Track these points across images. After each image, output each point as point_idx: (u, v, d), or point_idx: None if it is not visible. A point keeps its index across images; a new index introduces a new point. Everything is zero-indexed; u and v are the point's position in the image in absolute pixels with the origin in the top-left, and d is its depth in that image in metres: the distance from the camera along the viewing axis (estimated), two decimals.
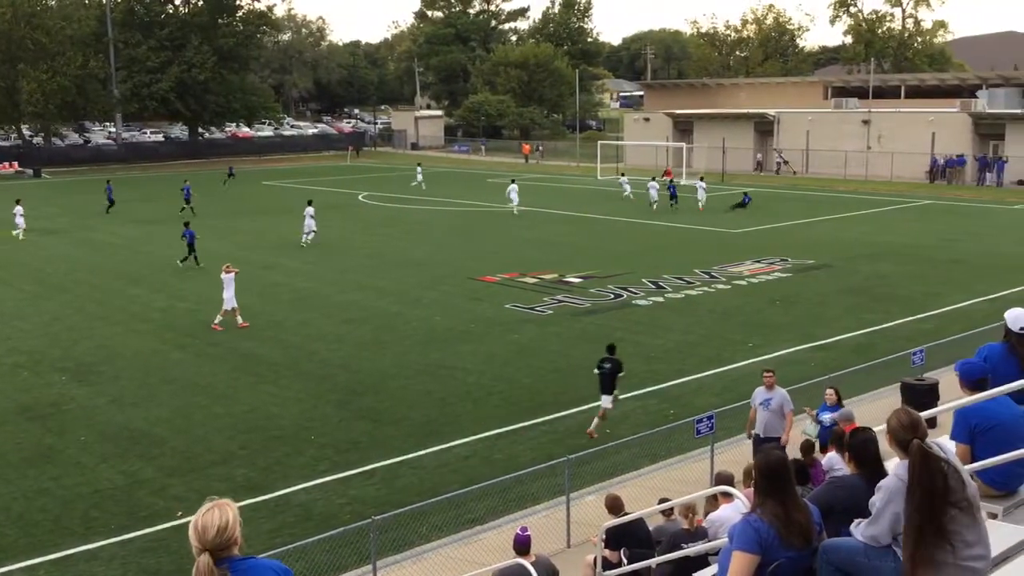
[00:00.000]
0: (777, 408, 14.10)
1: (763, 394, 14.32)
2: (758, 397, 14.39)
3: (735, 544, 4.96)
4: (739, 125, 69.61)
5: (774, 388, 14.24)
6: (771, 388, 14.24)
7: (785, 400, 14.16)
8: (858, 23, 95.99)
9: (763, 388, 14.36)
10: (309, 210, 37.81)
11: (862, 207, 48.14)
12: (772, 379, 14.29)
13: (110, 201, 48.34)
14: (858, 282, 29.47)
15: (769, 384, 14.27)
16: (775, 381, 14.32)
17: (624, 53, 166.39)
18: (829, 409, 13.79)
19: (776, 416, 14.10)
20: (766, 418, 14.19)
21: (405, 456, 16.09)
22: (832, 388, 14.30)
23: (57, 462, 15.98)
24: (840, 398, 14.10)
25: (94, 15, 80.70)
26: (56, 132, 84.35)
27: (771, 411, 14.12)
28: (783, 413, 14.12)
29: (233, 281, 24.51)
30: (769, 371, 14.57)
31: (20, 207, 41.18)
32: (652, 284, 29.17)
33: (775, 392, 14.21)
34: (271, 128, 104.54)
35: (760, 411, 14.28)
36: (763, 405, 14.25)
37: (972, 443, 6.27)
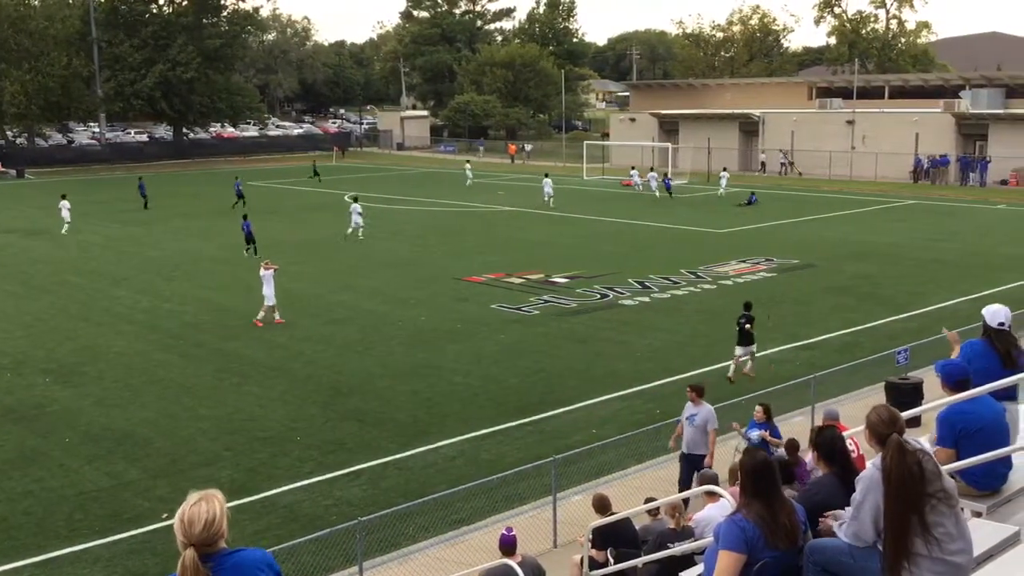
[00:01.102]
0: (701, 424, 13.52)
1: (690, 408, 13.78)
2: (685, 411, 13.88)
3: (721, 543, 4.98)
4: (724, 125, 69.81)
5: (700, 403, 13.71)
6: (697, 403, 13.71)
7: (710, 417, 13.57)
8: (842, 24, 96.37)
9: (690, 403, 13.83)
10: (356, 207, 38.42)
11: (846, 207, 48.36)
12: (693, 395, 13.76)
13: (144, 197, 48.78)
14: (842, 282, 29.60)
15: (693, 400, 13.74)
16: (699, 397, 13.76)
17: (610, 53, 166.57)
18: (758, 426, 13.37)
19: (699, 432, 13.53)
20: (690, 434, 13.64)
21: (391, 457, 16.07)
22: (761, 405, 13.78)
23: (41, 464, 15.88)
24: (770, 416, 13.61)
25: (77, 15, 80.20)
26: (40, 132, 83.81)
27: (695, 427, 13.56)
28: (707, 430, 13.53)
29: (273, 278, 24.69)
30: (692, 386, 14.05)
31: (66, 202, 42.35)
32: (638, 284, 29.21)
33: (701, 408, 13.65)
34: (256, 128, 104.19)
35: (686, 426, 13.74)
36: (689, 420, 13.71)
37: (957, 447, 6.29)
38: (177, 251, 36.47)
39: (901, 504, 4.56)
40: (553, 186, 49.86)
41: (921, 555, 4.55)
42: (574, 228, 41.92)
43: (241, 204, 48.10)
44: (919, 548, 4.56)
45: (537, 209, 47.73)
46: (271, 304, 24.73)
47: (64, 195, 43.90)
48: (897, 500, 4.57)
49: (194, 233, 41.36)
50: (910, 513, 4.55)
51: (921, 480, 4.60)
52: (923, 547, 4.55)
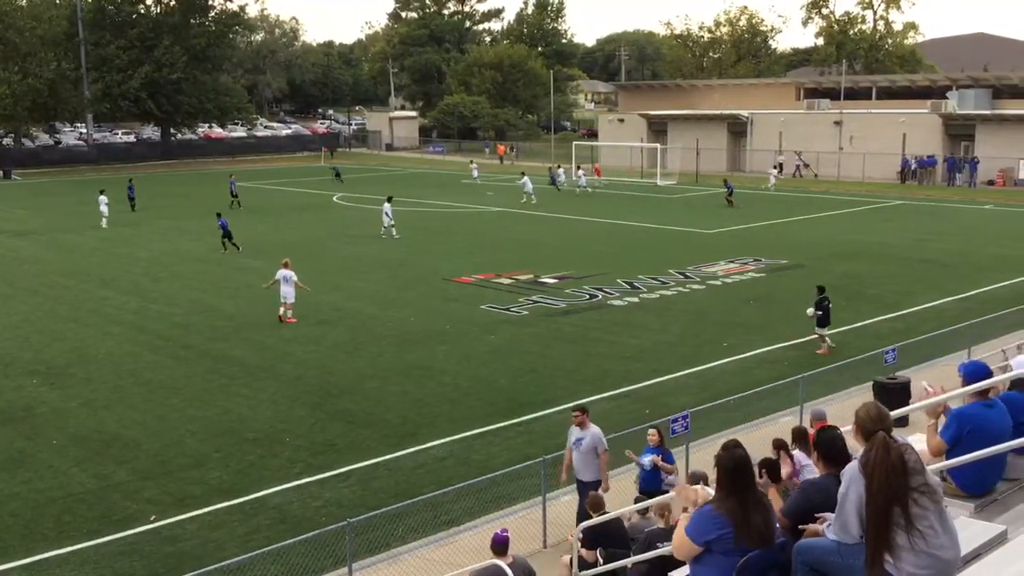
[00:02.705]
0: (589, 449, 12.78)
1: (576, 433, 13.00)
2: (571, 436, 13.10)
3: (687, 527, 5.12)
4: (713, 126, 69.98)
5: (586, 427, 12.91)
6: (583, 427, 12.90)
7: (598, 440, 12.81)
8: (830, 25, 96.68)
9: (576, 427, 13.05)
10: (387, 207, 38.91)
11: (834, 207, 48.54)
12: (581, 418, 12.95)
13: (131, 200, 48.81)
14: (830, 282, 29.53)
15: (579, 422, 12.94)
16: (585, 420, 12.97)
17: (598, 54, 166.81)
18: (651, 450, 12.90)
19: (590, 457, 12.81)
20: (579, 460, 12.90)
21: (381, 458, 16.05)
22: (655, 429, 13.27)
23: (29, 466, 15.81)
24: (663, 439, 13.15)
25: (64, 15, 79.83)
26: (27, 133, 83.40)
27: (583, 452, 12.81)
28: (597, 453, 12.81)
29: (292, 277, 25.01)
30: (578, 410, 13.22)
31: (104, 196, 43.42)
32: (627, 284, 29.26)
33: (588, 431, 12.87)
34: (244, 129, 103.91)
35: (574, 452, 12.97)
36: (575, 445, 12.94)
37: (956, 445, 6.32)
38: (165, 252, 36.34)
39: (883, 496, 4.59)
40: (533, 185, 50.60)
41: (904, 548, 4.57)
42: (563, 228, 41.96)
43: (236, 203, 48.29)
44: (902, 541, 4.58)
45: (523, 209, 47.75)
46: (292, 302, 25.07)
47: (103, 190, 45.14)
48: (879, 492, 4.60)
49: (182, 234, 41.24)
50: (892, 505, 4.58)
51: (903, 473, 4.62)
52: (906, 540, 4.57)
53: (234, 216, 45.87)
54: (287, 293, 25.07)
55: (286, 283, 25.09)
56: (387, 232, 38.62)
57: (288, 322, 24.87)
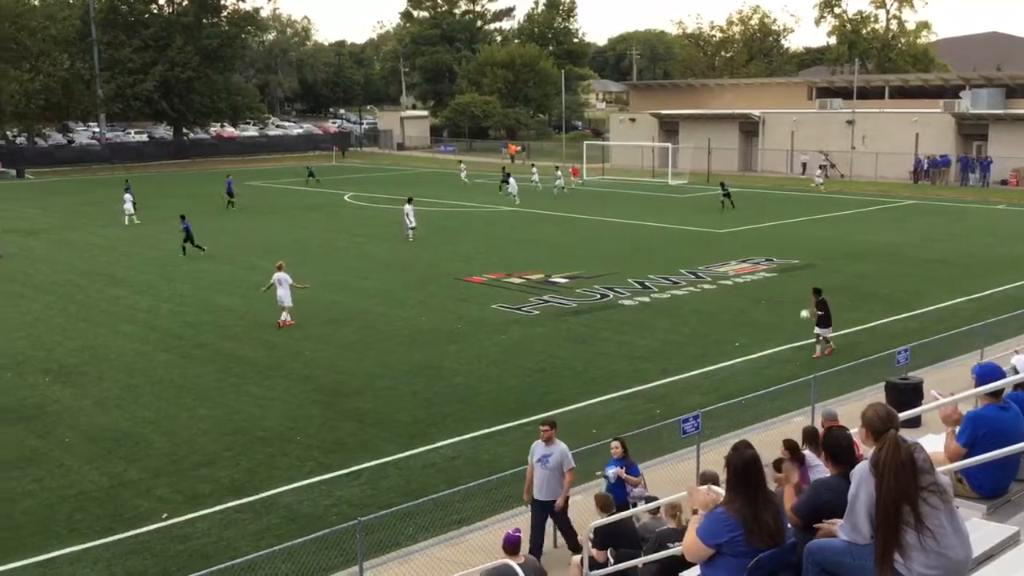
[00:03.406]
0: (556, 466, 12.12)
1: (541, 449, 12.29)
2: (535, 452, 12.37)
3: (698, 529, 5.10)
4: (724, 125, 69.82)
5: (553, 442, 12.24)
6: (550, 443, 12.23)
7: (565, 457, 12.17)
8: (842, 24, 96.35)
9: (541, 443, 12.34)
10: (408, 208, 38.38)
11: (846, 207, 48.36)
12: (550, 433, 12.27)
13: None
14: (842, 281, 29.58)
15: (547, 438, 12.26)
16: (554, 435, 12.31)
17: (610, 53, 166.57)
18: (615, 463, 12.45)
19: (556, 474, 12.14)
20: (544, 477, 12.17)
21: (391, 457, 16.06)
22: (618, 440, 12.77)
23: (41, 464, 15.87)
24: (627, 451, 12.61)
25: (77, 15, 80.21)
26: (39, 132, 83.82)
27: (550, 469, 12.14)
28: (563, 471, 12.16)
29: (286, 279, 24.62)
30: (546, 424, 12.47)
31: (129, 194, 44.52)
32: (638, 284, 29.21)
33: (554, 447, 12.20)
34: (256, 128, 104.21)
35: (538, 469, 12.23)
36: (541, 462, 12.21)
37: (971, 448, 6.28)
38: (176, 251, 36.42)
39: (892, 495, 4.57)
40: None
41: (914, 547, 4.55)
42: (574, 228, 41.92)
43: (231, 203, 48.39)
44: (911, 540, 4.56)
45: (534, 208, 47.73)
46: (289, 305, 24.66)
47: (128, 187, 46.31)
48: (889, 491, 4.58)
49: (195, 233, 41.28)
50: (902, 504, 4.56)
51: (913, 472, 4.61)
52: (916, 539, 4.55)
53: (231, 216, 46.15)
54: (283, 296, 24.61)
55: (281, 286, 24.60)
56: (411, 234, 37.98)
57: (287, 324, 24.48)
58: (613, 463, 12.50)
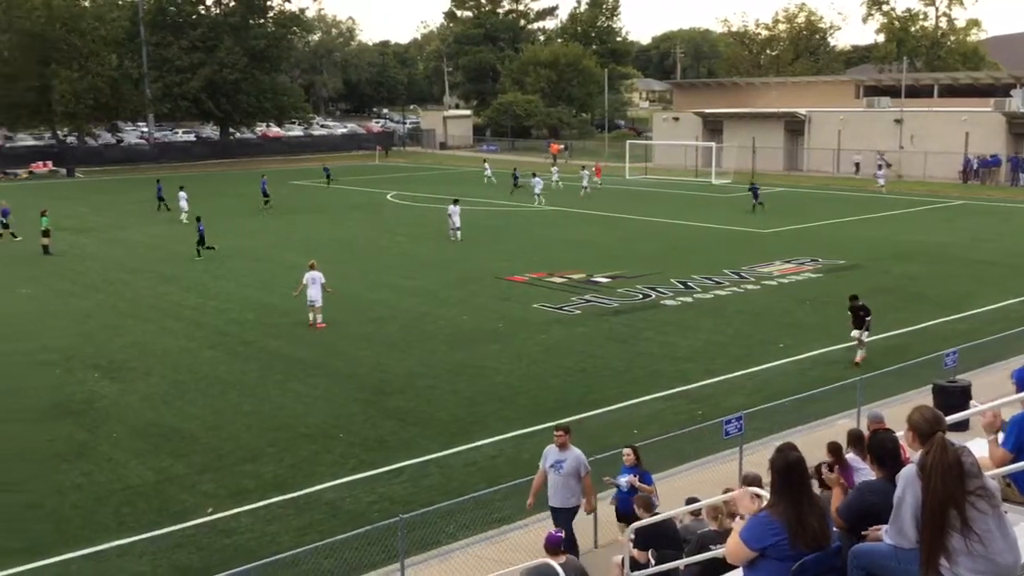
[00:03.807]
0: (572, 471, 11.89)
1: (554, 454, 12.05)
2: (548, 458, 12.13)
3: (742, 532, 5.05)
4: (769, 124, 69.17)
5: (568, 448, 12.03)
6: (564, 448, 12.02)
7: (581, 463, 11.95)
8: (891, 21, 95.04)
9: (554, 448, 12.11)
10: (454, 208, 38.33)
11: (894, 207, 47.68)
12: (564, 438, 12.06)
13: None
14: (889, 282, 29.19)
15: (561, 443, 12.04)
16: (568, 441, 12.11)
17: (653, 52, 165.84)
18: (628, 470, 12.09)
19: (571, 481, 11.93)
20: (558, 483, 11.96)
21: (432, 455, 16.12)
22: (630, 448, 12.34)
23: (89, 458, 16.15)
24: (639, 459, 12.15)
25: (127, 16, 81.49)
26: (89, 132, 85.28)
27: (564, 475, 11.91)
28: (579, 477, 11.94)
29: (320, 278, 24.48)
30: (561, 430, 12.26)
31: (184, 192, 45.41)
32: (680, 284, 29.04)
33: (569, 453, 11.99)
34: (301, 128, 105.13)
35: (551, 475, 12.02)
36: (554, 468, 11.98)
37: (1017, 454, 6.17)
38: (222, 249, 36.87)
39: (939, 499, 4.51)
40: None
41: (960, 552, 4.49)
42: (617, 228, 41.78)
43: (267, 203, 48.70)
44: (958, 544, 4.50)
45: (577, 208, 47.62)
46: (320, 304, 24.58)
47: (182, 186, 46.91)
48: (935, 495, 4.52)
49: (239, 232, 41.82)
50: (949, 508, 4.50)
51: (960, 476, 4.54)
52: (962, 543, 4.49)
53: (274, 215, 46.59)
54: (315, 296, 24.42)
55: (314, 285, 24.45)
56: (456, 234, 37.89)
57: (319, 327, 24.34)
58: (625, 471, 12.11)
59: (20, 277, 32.10)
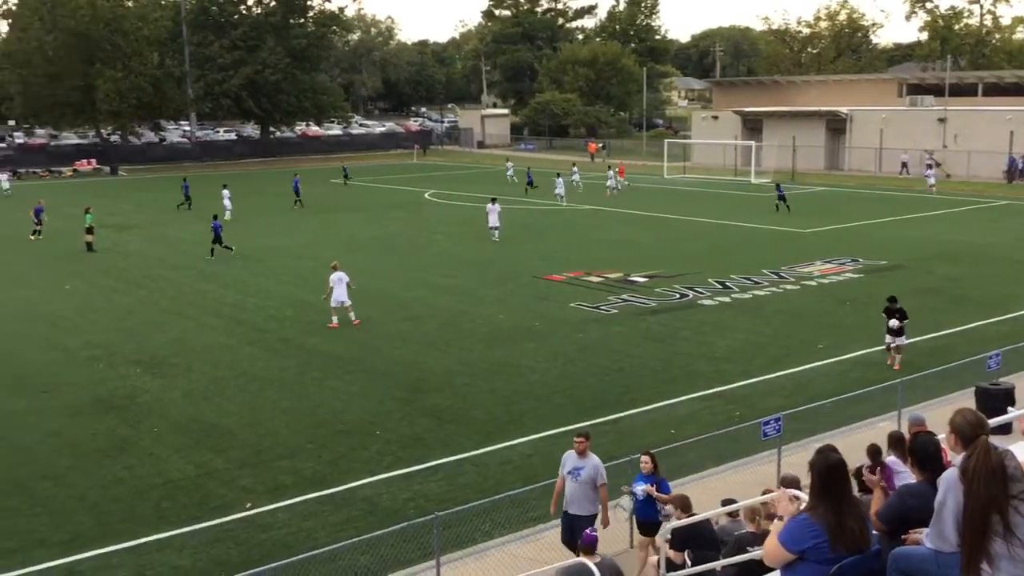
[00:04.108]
0: (589, 480, 11.68)
1: (573, 461, 11.85)
2: (566, 464, 11.95)
3: (780, 534, 5.00)
4: (810, 123, 68.48)
5: (587, 455, 11.80)
6: (583, 455, 11.80)
7: (599, 472, 11.74)
8: (934, 19, 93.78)
9: (573, 454, 11.90)
10: (494, 207, 38.08)
11: (936, 207, 47.01)
12: (584, 445, 11.84)
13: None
14: (932, 283, 28.80)
15: (581, 450, 11.82)
16: (588, 447, 11.88)
17: (693, 50, 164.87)
18: (644, 479, 11.78)
19: (587, 489, 11.70)
20: (575, 491, 11.74)
21: (468, 453, 16.16)
22: (648, 455, 12.03)
23: (131, 452, 16.38)
24: (657, 466, 11.88)
25: (169, 16, 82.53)
26: (133, 131, 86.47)
27: (581, 483, 11.69)
28: (595, 486, 11.72)
29: (343, 279, 24.47)
30: (581, 436, 12.02)
31: (227, 191, 45.97)
32: (719, 284, 28.85)
33: (588, 460, 11.76)
34: (340, 127, 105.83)
35: (569, 481, 11.82)
36: (572, 475, 11.78)
37: None
38: (262, 247, 37.25)
39: (981, 503, 4.45)
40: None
41: (1002, 557, 4.44)
42: (654, 227, 41.60)
43: (299, 203, 49.00)
44: (1000, 549, 4.44)
45: (614, 207, 47.48)
46: (348, 303, 24.63)
47: (225, 184, 47.64)
48: (977, 499, 4.46)
49: (278, 230, 42.22)
50: (991, 512, 4.44)
51: (1003, 480, 4.48)
52: (1004, 548, 4.43)
53: (314, 213, 46.91)
54: (342, 296, 24.34)
55: (340, 285, 24.44)
56: (495, 233, 37.54)
57: (355, 324, 24.32)
58: (641, 479, 11.82)
59: (64, 273, 32.63)
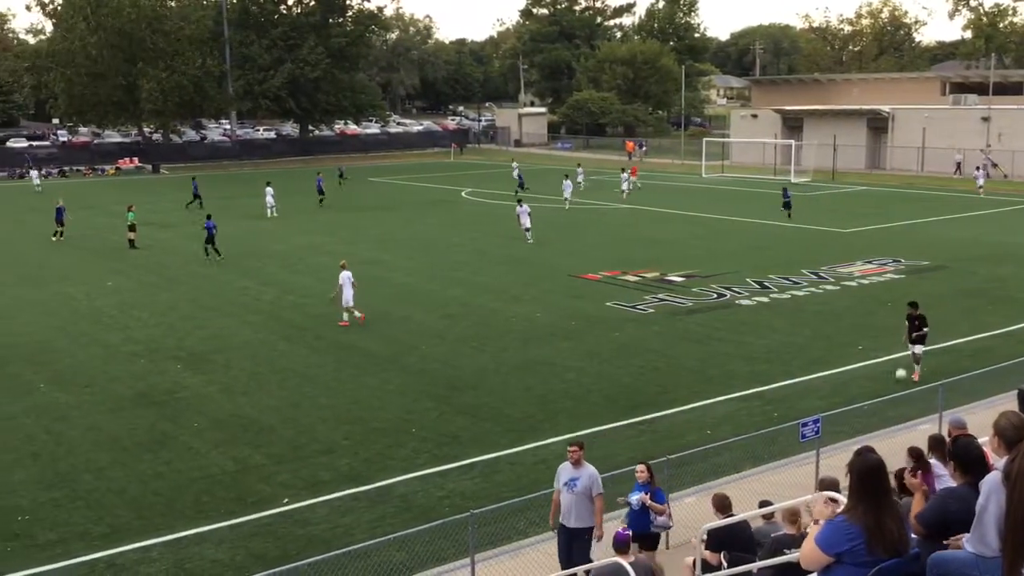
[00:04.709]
0: (584, 491, 11.30)
1: (568, 472, 11.48)
2: (562, 476, 11.57)
3: (817, 537, 4.93)
4: (851, 122, 67.73)
5: (582, 465, 11.46)
6: (578, 465, 11.45)
7: (594, 481, 11.35)
8: (978, 17, 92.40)
9: (568, 465, 11.54)
10: (522, 209, 37.49)
11: (981, 207, 46.29)
12: (578, 454, 11.50)
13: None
14: (976, 284, 28.36)
15: (575, 460, 11.48)
16: (582, 457, 11.54)
17: (732, 49, 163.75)
18: (640, 488, 11.51)
19: (584, 500, 11.32)
20: (571, 503, 11.35)
21: (503, 452, 16.18)
22: (644, 465, 11.82)
23: (171, 447, 16.58)
24: (653, 476, 11.68)
25: (211, 15, 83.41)
26: (174, 129, 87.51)
27: (577, 494, 11.31)
28: (591, 496, 11.32)
29: (348, 279, 24.51)
30: (575, 445, 11.67)
31: (271, 188, 46.62)
32: (756, 284, 28.62)
33: (582, 470, 11.41)
34: (378, 125, 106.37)
35: (564, 493, 11.43)
36: (568, 486, 11.40)
37: None
38: (300, 245, 37.53)
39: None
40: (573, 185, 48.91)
41: None
42: (693, 226, 41.36)
43: (321, 201, 49.17)
44: None
45: (651, 206, 47.25)
46: (352, 304, 24.44)
47: (269, 182, 48.20)
48: (1020, 503, 4.38)
49: (317, 228, 42.52)
50: None
51: None
52: None
53: (341, 212, 47.12)
54: (348, 297, 24.31)
55: (348, 284, 24.37)
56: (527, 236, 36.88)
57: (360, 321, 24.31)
58: (638, 488, 11.55)
59: (106, 270, 33.10)
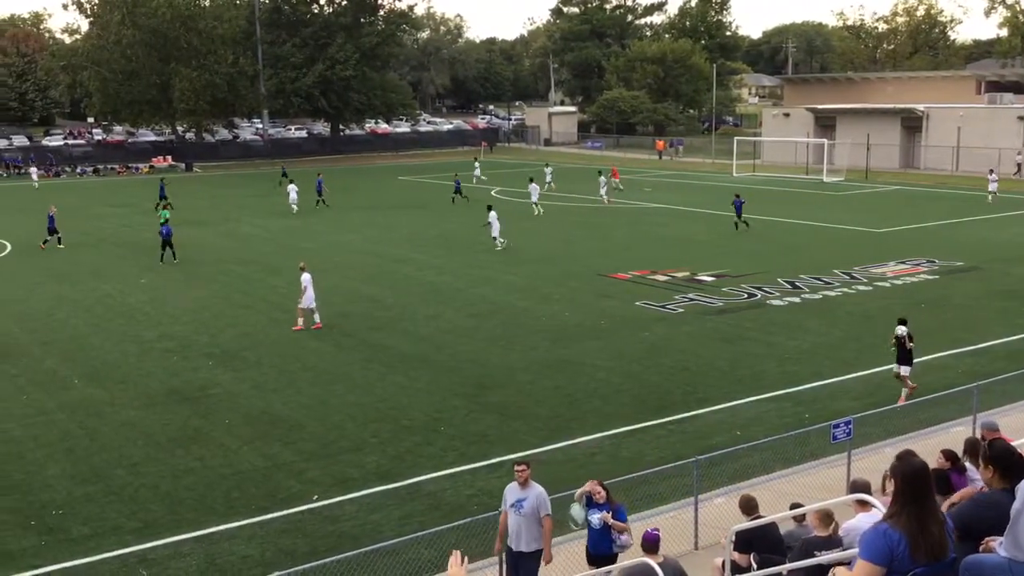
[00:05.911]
0: (531, 512, 10.77)
1: (515, 492, 10.92)
2: (508, 498, 11.02)
3: (862, 552, 4.80)
4: (885, 121, 67.04)
5: (529, 485, 10.92)
6: (525, 485, 10.91)
7: (542, 501, 10.84)
8: (1015, 15, 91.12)
9: (515, 485, 10.98)
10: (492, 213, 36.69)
11: (1017, 207, 45.66)
12: (526, 474, 10.95)
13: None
14: (1012, 285, 27.98)
15: (523, 480, 10.92)
16: (529, 476, 10.98)
17: (764, 47, 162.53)
18: (598, 507, 10.87)
19: (532, 522, 10.81)
20: (519, 525, 10.82)
21: (532, 450, 16.14)
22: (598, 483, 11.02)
23: (203, 443, 16.73)
24: (610, 495, 10.97)
25: (243, 15, 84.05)
26: (207, 128, 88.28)
27: (525, 515, 10.79)
28: (539, 518, 10.81)
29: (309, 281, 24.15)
30: (522, 464, 11.15)
31: (294, 185, 47.46)
32: (788, 284, 28.42)
33: (530, 490, 10.87)
34: (408, 124, 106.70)
35: (511, 515, 10.91)
36: (515, 508, 10.86)
37: None
38: (330, 243, 37.73)
39: None
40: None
41: None
42: (722, 226, 41.11)
43: (321, 202, 48.78)
44: None
45: (681, 206, 47.04)
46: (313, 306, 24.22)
47: (292, 180, 48.94)
48: None
49: (346, 226, 42.74)
50: None
51: None
52: None
53: (370, 211, 47.24)
54: (309, 299, 24.11)
55: (311, 286, 24.11)
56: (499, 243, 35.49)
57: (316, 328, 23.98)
58: (595, 508, 10.90)
59: (140, 268, 33.47)
